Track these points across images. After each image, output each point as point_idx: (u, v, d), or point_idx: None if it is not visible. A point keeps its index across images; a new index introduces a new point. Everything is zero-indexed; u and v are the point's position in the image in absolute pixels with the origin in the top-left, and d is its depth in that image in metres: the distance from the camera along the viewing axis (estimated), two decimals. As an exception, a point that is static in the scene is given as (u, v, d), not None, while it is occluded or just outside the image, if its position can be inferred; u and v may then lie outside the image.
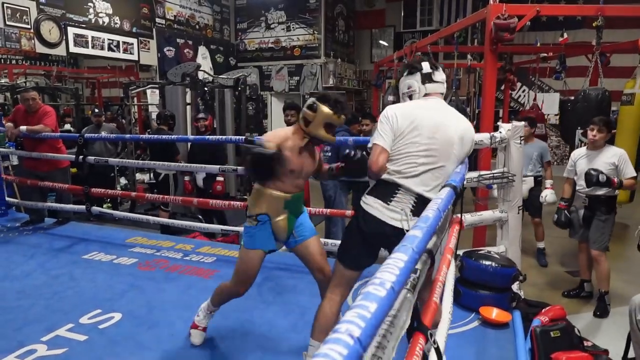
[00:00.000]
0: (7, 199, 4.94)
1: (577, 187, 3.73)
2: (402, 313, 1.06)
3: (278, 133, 2.19)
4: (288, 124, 4.81)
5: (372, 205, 1.92)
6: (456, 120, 2.02)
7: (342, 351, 0.57)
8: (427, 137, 1.91)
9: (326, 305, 2.02)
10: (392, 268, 0.86)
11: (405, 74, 2.10)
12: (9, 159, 5.48)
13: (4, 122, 4.69)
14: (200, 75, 6.97)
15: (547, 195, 4.30)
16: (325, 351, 0.56)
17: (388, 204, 1.89)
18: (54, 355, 2.30)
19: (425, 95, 2.04)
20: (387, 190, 1.91)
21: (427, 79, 2.02)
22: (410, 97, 2.06)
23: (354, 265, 2.03)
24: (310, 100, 2.15)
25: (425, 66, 2.03)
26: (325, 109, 2.08)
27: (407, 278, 0.91)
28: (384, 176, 1.93)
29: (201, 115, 5.30)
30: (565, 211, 3.75)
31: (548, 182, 4.46)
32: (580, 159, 3.73)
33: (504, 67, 6.88)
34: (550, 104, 5.96)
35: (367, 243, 1.97)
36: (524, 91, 10.69)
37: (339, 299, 2.04)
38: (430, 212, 1.31)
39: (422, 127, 1.91)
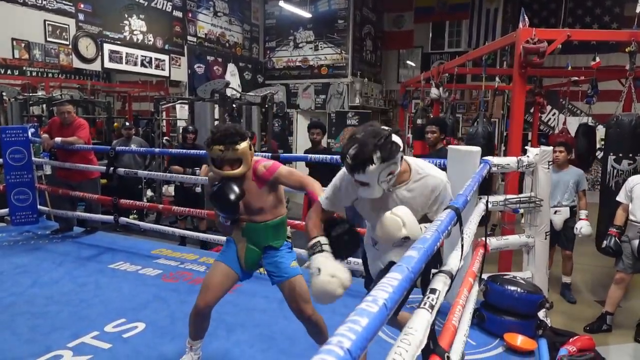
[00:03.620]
0: (39, 207, 5.10)
1: (631, 217, 3.55)
2: (419, 333, 1.06)
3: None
4: (313, 142, 4.85)
5: None
6: None
7: (333, 361, 0.60)
8: None
9: None
10: (386, 286, 0.89)
11: (378, 161, 1.58)
12: (43, 169, 5.68)
13: (40, 133, 4.87)
14: (229, 92, 7.10)
15: (583, 227, 4.07)
16: (316, 361, 0.58)
17: None
18: (78, 362, 2.34)
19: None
20: None
21: (402, 150, 1.75)
22: (390, 181, 1.67)
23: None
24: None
25: (396, 138, 1.66)
26: (207, 148, 2.07)
27: (400, 296, 0.92)
28: None
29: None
30: (616, 238, 3.54)
31: (583, 213, 4.22)
32: (637, 185, 3.54)
33: (533, 90, 6.82)
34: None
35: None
36: (554, 114, 10.54)
37: None
38: (428, 233, 1.31)
39: None
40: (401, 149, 1.65)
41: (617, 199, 3.69)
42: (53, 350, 2.43)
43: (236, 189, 2.05)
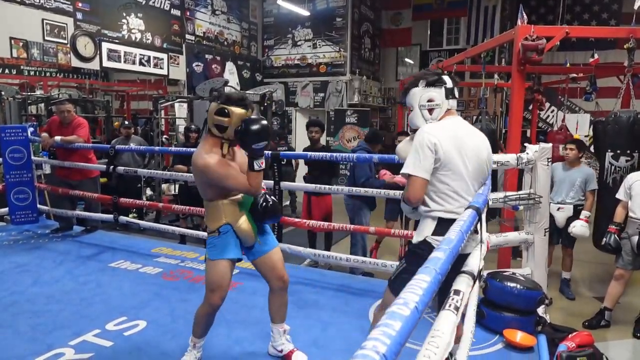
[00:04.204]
0: (38, 206, 5.10)
1: (631, 214, 3.56)
2: (446, 335, 1.06)
3: (213, 154, 2.13)
4: (312, 140, 4.85)
5: None
6: (483, 139, 2.02)
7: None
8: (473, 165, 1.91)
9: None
10: (415, 289, 0.90)
11: (422, 85, 1.98)
12: (42, 168, 5.68)
13: (39, 132, 4.87)
14: (227, 90, 7.11)
15: (576, 226, 4.03)
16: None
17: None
18: (80, 359, 2.35)
19: (447, 111, 1.97)
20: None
21: (450, 94, 1.96)
22: (430, 112, 1.97)
23: None
24: (215, 106, 2.12)
25: (449, 81, 1.96)
26: (238, 110, 2.11)
27: (430, 298, 0.93)
28: (443, 215, 1.88)
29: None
30: (615, 235, 3.56)
31: (584, 214, 4.16)
32: (636, 182, 3.55)
33: (532, 87, 6.82)
34: (580, 125, 5.85)
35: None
36: (552, 111, 10.55)
37: None
38: (452, 233, 1.32)
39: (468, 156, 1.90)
40: (449, 87, 1.96)
41: (617, 196, 3.70)
42: (55, 349, 2.44)
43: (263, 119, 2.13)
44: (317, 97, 11.23)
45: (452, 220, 1.78)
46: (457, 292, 1.30)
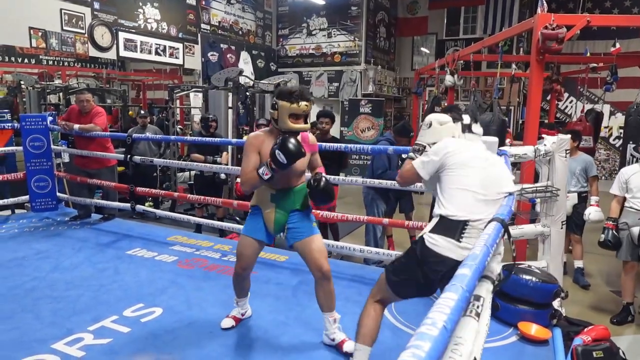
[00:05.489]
0: (57, 194, 5.19)
1: (630, 204, 3.58)
2: (469, 342, 1.05)
3: (258, 136, 2.38)
4: (322, 131, 4.83)
5: (441, 245, 1.82)
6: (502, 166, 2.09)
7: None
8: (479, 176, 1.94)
9: (371, 310, 2.06)
10: (443, 307, 0.89)
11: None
12: (61, 157, 5.77)
13: (58, 121, 4.95)
14: (242, 80, 7.11)
15: (592, 212, 4.06)
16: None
17: (460, 241, 1.81)
18: (99, 344, 2.40)
19: None
20: (454, 227, 1.84)
21: (467, 129, 2.14)
22: None
23: (404, 296, 2.07)
24: (273, 100, 2.30)
25: (466, 118, 2.14)
26: (283, 103, 2.24)
27: (459, 317, 0.92)
28: (444, 213, 1.87)
29: (262, 121, 5.30)
30: (613, 231, 3.57)
31: (593, 199, 4.25)
32: (633, 175, 3.60)
33: (550, 77, 6.70)
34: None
35: (430, 282, 1.90)
36: (571, 102, 10.37)
37: (383, 306, 2.10)
38: (478, 249, 1.30)
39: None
40: (465, 123, 2.14)
41: (611, 191, 3.76)
42: (75, 333, 2.50)
43: (300, 144, 2.22)
44: (332, 86, 11.19)
45: (452, 221, 1.84)
46: (477, 298, 1.27)
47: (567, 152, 3.13)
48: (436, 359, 0.74)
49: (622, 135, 4.89)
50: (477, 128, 2.16)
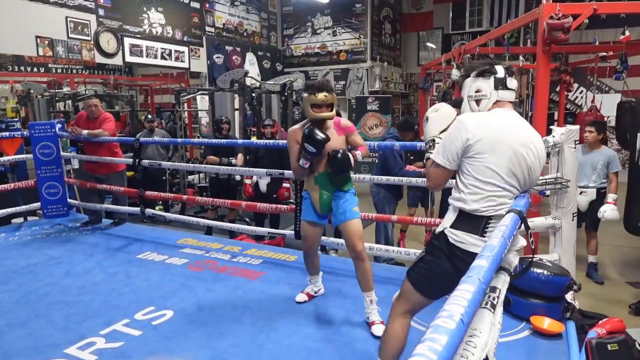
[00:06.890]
0: (68, 200, 5.25)
1: None
2: (484, 334, 1.03)
3: (295, 130, 2.69)
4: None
5: (466, 241, 1.74)
6: (532, 134, 1.83)
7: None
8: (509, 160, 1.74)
9: (397, 327, 1.91)
10: (459, 300, 0.87)
11: (472, 74, 1.88)
12: (71, 163, 5.83)
13: (66, 128, 5.00)
14: (248, 81, 7.12)
15: (607, 211, 3.88)
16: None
17: (484, 236, 1.72)
18: (111, 348, 2.42)
19: (496, 102, 1.83)
20: (476, 222, 1.74)
21: (500, 84, 1.82)
22: (478, 103, 1.85)
23: (438, 296, 1.88)
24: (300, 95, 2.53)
25: (500, 70, 1.82)
26: (305, 95, 2.60)
27: (475, 309, 0.90)
28: (464, 207, 1.75)
29: (268, 122, 5.24)
30: None
31: (611, 197, 4.02)
32: None
33: (558, 67, 6.62)
34: (610, 106, 5.64)
35: (461, 273, 1.81)
36: (581, 92, 10.23)
37: (411, 317, 1.94)
38: (495, 240, 1.28)
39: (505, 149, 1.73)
40: (499, 77, 1.82)
41: None
42: (87, 338, 2.52)
43: (323, 132, 2.55)
44: (338, 85, 11.16)
45: (472, 216, 1.72)
46: (493, 289, 1.24)
47: (577, 142, 3.09)
48: (453, 353, 0.72)
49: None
50: (511, 82, 1.83)
